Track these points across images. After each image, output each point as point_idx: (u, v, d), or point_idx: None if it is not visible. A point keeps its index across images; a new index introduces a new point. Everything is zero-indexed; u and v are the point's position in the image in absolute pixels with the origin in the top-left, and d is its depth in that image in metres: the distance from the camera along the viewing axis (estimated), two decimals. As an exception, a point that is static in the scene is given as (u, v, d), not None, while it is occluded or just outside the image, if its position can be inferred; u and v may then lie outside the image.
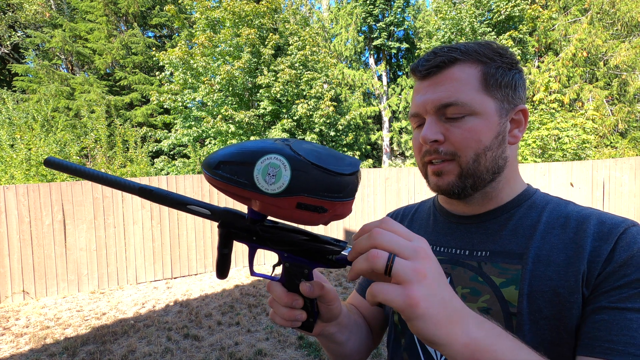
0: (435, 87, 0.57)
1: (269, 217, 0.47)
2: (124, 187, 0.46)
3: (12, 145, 6.96)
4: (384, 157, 15.87)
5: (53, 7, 14.17)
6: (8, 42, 14.05)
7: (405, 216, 0.77)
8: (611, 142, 11.31)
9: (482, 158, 0.56)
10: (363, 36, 15.66)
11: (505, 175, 0.60)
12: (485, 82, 0.56)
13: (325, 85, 11.73)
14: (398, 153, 16.85)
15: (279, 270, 0.51)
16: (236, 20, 10.27)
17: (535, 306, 0.50)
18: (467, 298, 0.56)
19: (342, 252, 0.45)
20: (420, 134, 0.59)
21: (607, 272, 0.47)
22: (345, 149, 12.04)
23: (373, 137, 15.36)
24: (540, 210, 0.58)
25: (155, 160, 11.08)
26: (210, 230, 5.60)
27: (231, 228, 0.47)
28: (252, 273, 0.51)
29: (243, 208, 0.48)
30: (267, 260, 5.95)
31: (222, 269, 0.50)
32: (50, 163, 0.48)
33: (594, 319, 0.46)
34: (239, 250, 5.76)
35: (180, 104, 10.36)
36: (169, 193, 0.47)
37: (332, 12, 16.94)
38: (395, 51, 16.23)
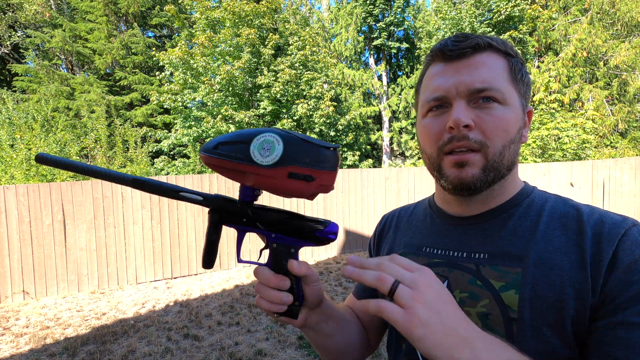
0: (470, 69, 0.54)
1: (256, 203, 0.51)
2: (117, 179, 0.48)
3: (12, 145, 6.96)
4: (384, 157, 15.87)
5: (53, 7, 14.17)
6: (8, 42, 14.05)
7: (401, 218, 0.75)
8: (611, 142, 11.31)
9: (506, 151, 0.54)
10: (363, 36, 15.66)
11: (513, 173, 0.59)
12: (512, 74, 0.55)
13: (325, 85, 11.73)
14: (398, 153, 16.85)
15: (265, 258, 0.54)
16: (236, 20, 10.27)
17: (537, 312, 0.48)
18: (466, 302, 0.54)
19: (327, 229, 0.49)
20: (437, 120, 0.56)
21: (613, 280, 0.45)
22: (345, 149, 12.04)
23: (373, 137, 15.36)
24: (539, 209, 0.56)
25: (155, 160, 11.08)
26: (210, 230, 5.60)
27: (222, 212, 0.49)
28: (239, 260, 0.51)
29: (234, 195, 0.50)
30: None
31: (210, 257, 0.50)
32: (41, 159, 0.48)
33: (610, 334, 0.44)
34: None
35: (180, 104, 10.36)
36: (162, 183, 0.49)
37: (332, 12, 16.94)
38: (395, 51, 16.23)
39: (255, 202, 0.51)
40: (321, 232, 0.49)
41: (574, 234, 0.51)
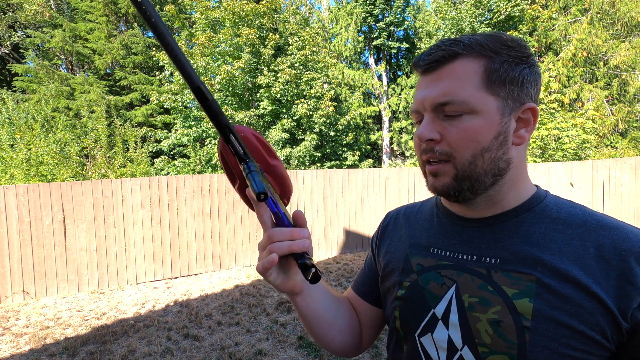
0: (435, 83, 0.54)
1: None
2: (187, 76, 0.43)
3: (12, 145, 6.96)
4: (384, 157, 15.87)
5: (53, 7, 14.17)
6: (8, 42, 14.05)
7: (407, 216, 0.74)
8: (611, 142, 11.30)
9: (479, 160, 0.53)
10: (363, 36, 15.66)
11: (511, 178, 0.56)
12: (488, 78, 0.52)
13: (325, 85, 11.73)
14: (398, 153, 16.85)
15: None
16: (236, 20, 10.27)
17: (551, 323, 0.47)
18: (476, 308, 0.53)
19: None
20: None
21: None
22: (345, 149, 12.03)
23: (373, 137, 15.36)
24: (554, 216, 0.54)
25: (155, 160, 11.07)
26: (210, 230, 5.59)
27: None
28: (278, 212, 0.50)
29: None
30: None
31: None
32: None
33: None
34: (239, 250, 5.76)
35: (180, 104, 10.36)
36: (217, 108, 0.46)
37: (332, 12, 16.94)
38: (395, 51, 16.23)
39: None
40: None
41: (592, 248, 0.49)
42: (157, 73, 11.45)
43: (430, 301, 0.58)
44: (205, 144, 10.72)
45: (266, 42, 10.31)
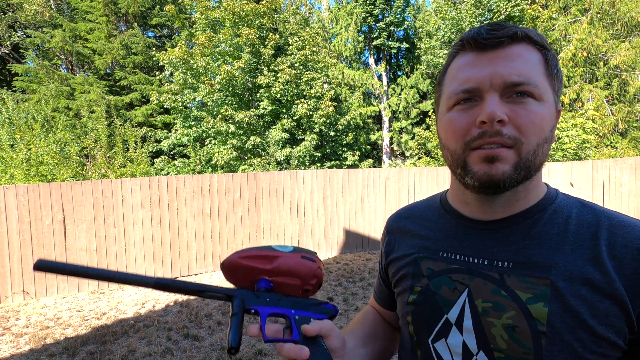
0: (505, 60, 0.50)
1: None
2: (138, 282, 0.46)
3: (12, 145, 6.96)
4: (384, 157, 15.87)
5: (53, 7, 14.17)
6: (8, 42, 14.05)
7: (411, 218, 0.71)
8: (611, 142, 11.30)
9: (540, 149, 0.50)
10: (363, 36, 15.66)
11: (539, 176, 0.55)
12: (547, 69, 0.51)
13: (325, 85, 11.74)
14: (398, 153, 16.85)
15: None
16: (236, 20, 10.27)
17: (568, 327, 0.46)
18: (490, 313, 0.51)
19: (328, 305, 0.59)
20: (465, 113, 0.52)
21: None
22: (345, 149, 12.03)
23: (373, 137, 15.36)
24: (566, 216, 0.53)
25: (155, 160, 11.08)
26: (210, 230, 5.59)
27: (247, 296, 0.54)
28: (266, 339, 0.53)
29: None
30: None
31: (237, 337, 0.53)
32: (40, 267, 0.40)
33: None
34: (239, 249, 5.75)
35: (180, 104, 10.36)
36: (186, 284, 0.50)
37: (332, 12, 16.93)
38: (395, 51, 16.22)
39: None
40: (327, 304, 0.58)
41: (605, 247, 0.48)
42: (157, 73, 11.46)
43: (443, 306, 0.57)
44: (205, 144, 10.72)
45: (266, 42, 10.31)
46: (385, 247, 0.74)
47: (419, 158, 13.55)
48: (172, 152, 12.16)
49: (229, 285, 0.66)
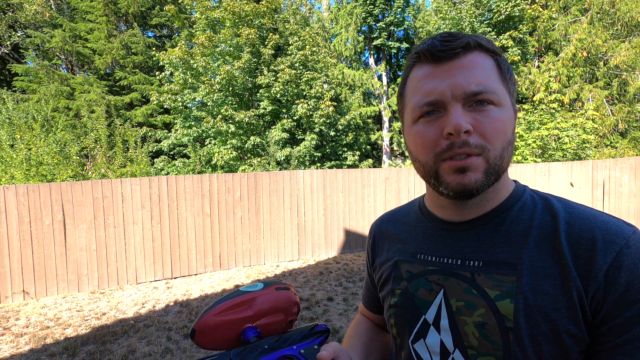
0: (462, 71, 0.51)
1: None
2: None
3: (12, 145, 6.96)
4: (384, 157, 15.87)
5: (53, 7, 14.17)
6: (8, 42, 14.05)
7: (393, 223, 0.72)
8: (611, 142, 11.30)
9: (505, 152, 0.52)
10: (363, 36, 15.66)
11: (506, 176, 0.57)
12: (501, 74, 0.53)
13: (325, 85, 11.73)
14: (398, 153, 16.85)
15: None
16: (236, 20, 10.27)
17: (532, 321, 0.48)
18: (463, 312, 0.53)
19: (319, 326, 0.64)
20: (432, 126, 0.53)
21: (614, 297, 0.45)
22: (345, 149, 12.04)
23: (373, 137, 15.36)
24: (531, 212, 0.54)
25: (155, 160, 11.08)
26: (210, 230, 5.60)
27: (245, 356, 0.55)
28: None
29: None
30: (267, 261, 5.95)
31: None
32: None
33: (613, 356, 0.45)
34: (239, 250, 5.76)
35: (180, 104, 10.37)
36: None
37: (332, 12, 16.94)
38: (395, 51, 16.22)
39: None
40: (318, 325, 0.61)
41: (565, 240, 0.49)
42: (157, 73, 11.45)
43: (421, 307, 0.59)
44: (205, 144, 10.72)
45: (266, 42, 10.31)
46: (370, 252, 0.76)
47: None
48: (172, 152, 12.16)
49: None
